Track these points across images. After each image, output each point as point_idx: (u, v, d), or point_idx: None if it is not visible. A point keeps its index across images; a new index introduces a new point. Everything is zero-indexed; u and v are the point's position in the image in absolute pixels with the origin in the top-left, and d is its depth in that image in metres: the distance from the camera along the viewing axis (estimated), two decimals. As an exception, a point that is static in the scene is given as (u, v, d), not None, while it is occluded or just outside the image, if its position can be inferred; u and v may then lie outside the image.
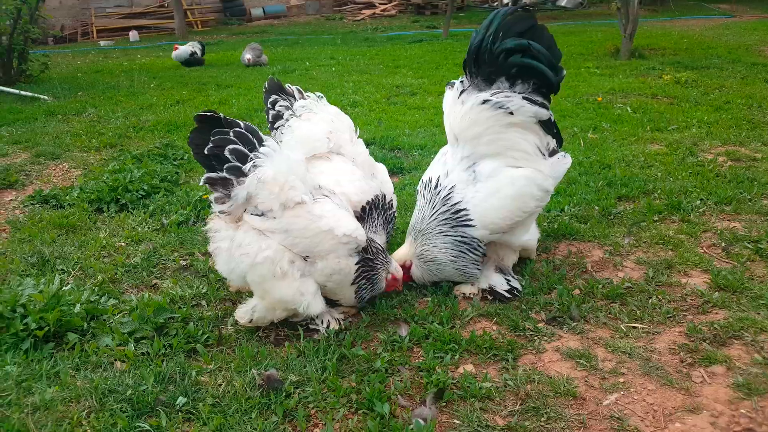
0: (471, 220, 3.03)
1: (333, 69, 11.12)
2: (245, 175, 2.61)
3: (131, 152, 5.87)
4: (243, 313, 2.94)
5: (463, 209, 3.03)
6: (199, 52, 12.11)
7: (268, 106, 3.57)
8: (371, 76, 10.18)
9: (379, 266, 3.00)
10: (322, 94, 3.65)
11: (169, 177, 5.15)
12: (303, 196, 2.70)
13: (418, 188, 3.27)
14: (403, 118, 7.07)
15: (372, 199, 3.28)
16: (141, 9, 20.96)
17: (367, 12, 23.22)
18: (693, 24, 16.63)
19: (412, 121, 6.89)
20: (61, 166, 5.74)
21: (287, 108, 3.51)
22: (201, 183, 2.71)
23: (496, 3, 25.36)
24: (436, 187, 3.12)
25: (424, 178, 3.25)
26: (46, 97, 8.88)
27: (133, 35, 18.80)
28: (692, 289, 3.15)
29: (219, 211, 2.72)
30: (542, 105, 3.03)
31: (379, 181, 3.48)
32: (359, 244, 2.87)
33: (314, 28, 20.18)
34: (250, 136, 2.62)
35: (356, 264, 2.89)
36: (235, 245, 2.73)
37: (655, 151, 5.40)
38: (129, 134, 6.80)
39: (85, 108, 8.19)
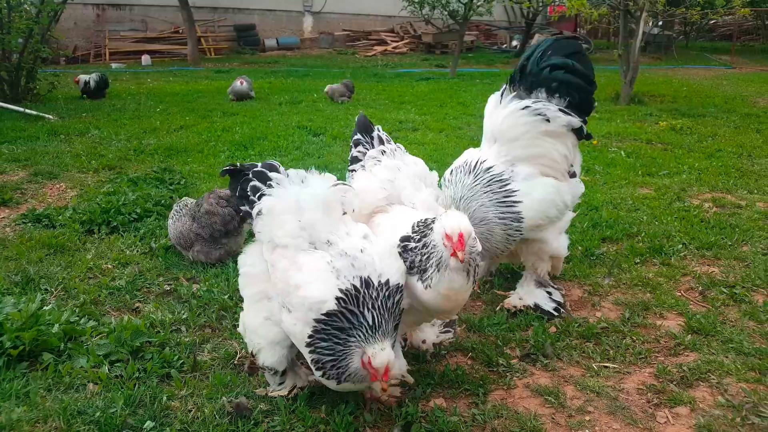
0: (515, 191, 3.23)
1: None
2: (254, 206, 2.60)
3: (128, 175, 5.96)
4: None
5: (507, 180, 3.23)
6: (92, 84, 11.04)
7: (352, 144, 3.24)
8: (376, 110, 10.34)
9: (351, 342, 2.34)
10: (401, 147, 3.17)
11: (163, 201, 5.21)
12: (289, 239, 2.47)
13: (445, 177, 3.41)
14: (402, 153, 7.16)
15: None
16: (155, 34, 21.41)
17: (379, 48, 23.67)
18: (694, 73, 16.94)
19: (410, 156, 6.97)
20: (57, 186, 5.83)
21: (364, 154, 3.15)
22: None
23: (504, 45, 25.90)
24: (475, 166, 3.30)
25: (454, 166, 3.42)
26: (50, 117, 9.02)
27: (146, 59, 19.14)
28: (666, 331, 3.19)
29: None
30: (573, 116, 3.28)
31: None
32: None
33: (326, 61, 20.55)
34: (268, 172, 2.61)
35: (310, 331, 2.36)
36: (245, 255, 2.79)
37: (644, 195, 5.47)
38: (129, 157, 6.91)
39: (88, 129, 8.32)
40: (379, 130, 3.16)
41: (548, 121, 3.23)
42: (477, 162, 3.33)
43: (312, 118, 9.34)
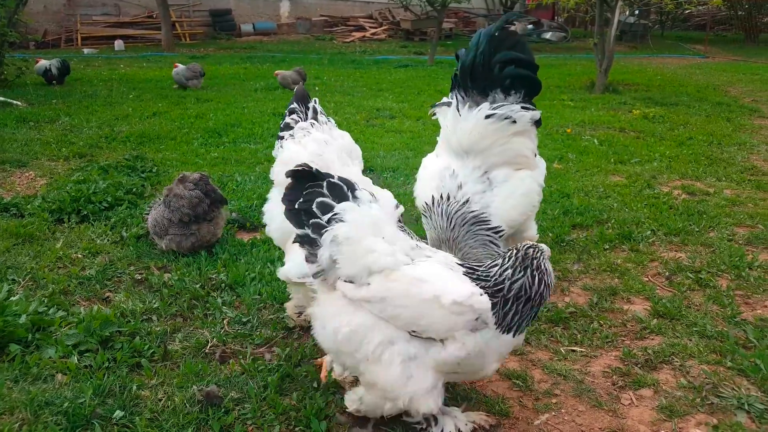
0: (491, 221, 3.20)
1: (316, 89, 11.20)
2: (322, 232, 2.22)
3: (99, 163, 5.85)
4: (351, 402, 2.43)
5: (483, 213, 3.19)
6: (54, 70, 10.98)
7: (287, 112, 3.28)
8: (353, 98, 10.30)
9: (540, 273, 2.24)
10: (332, 120, 3.30)
11: (134, 189, 5.15)
12: (388, 258, 2.21)
13: (422, 208, 3.34)
14: (380, 141, 7.15)
15: None
16: (129, 18, 20.97)
17: (357, 34, 23.48)
18: (668, 62, 17.19)
19: (387, 144, 6.98)
20: (26, 174, 5.71)
21: (296, 122, 3.20)
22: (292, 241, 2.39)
23: (480, 31, 25.89)
24: (448, 199, 3.25)
25: (429, 197, 3.30)
26: (18, 103, 8.81)
27: (119, 44, 18.78)
28: (633, 316, 3.26)
29: (313, 274, 2.31)
30: (533, 109, 3.32)
31: None
32: (480, 315, 2.17)
33: (303, 47, 20.35)
34: (345, 189, 2.24)
35: (483, 339, 2.19)
36: (321, 314, 2.34)
37: (615, 183, 5.56)
38: (101, 144, 6.79)
39: (58, 116, 8.14)
40: (315, 103, 3.22)
41: (515, 122, 3.24)
42: (449, 197, 3.24)
43: (287, 105, 9.24)
